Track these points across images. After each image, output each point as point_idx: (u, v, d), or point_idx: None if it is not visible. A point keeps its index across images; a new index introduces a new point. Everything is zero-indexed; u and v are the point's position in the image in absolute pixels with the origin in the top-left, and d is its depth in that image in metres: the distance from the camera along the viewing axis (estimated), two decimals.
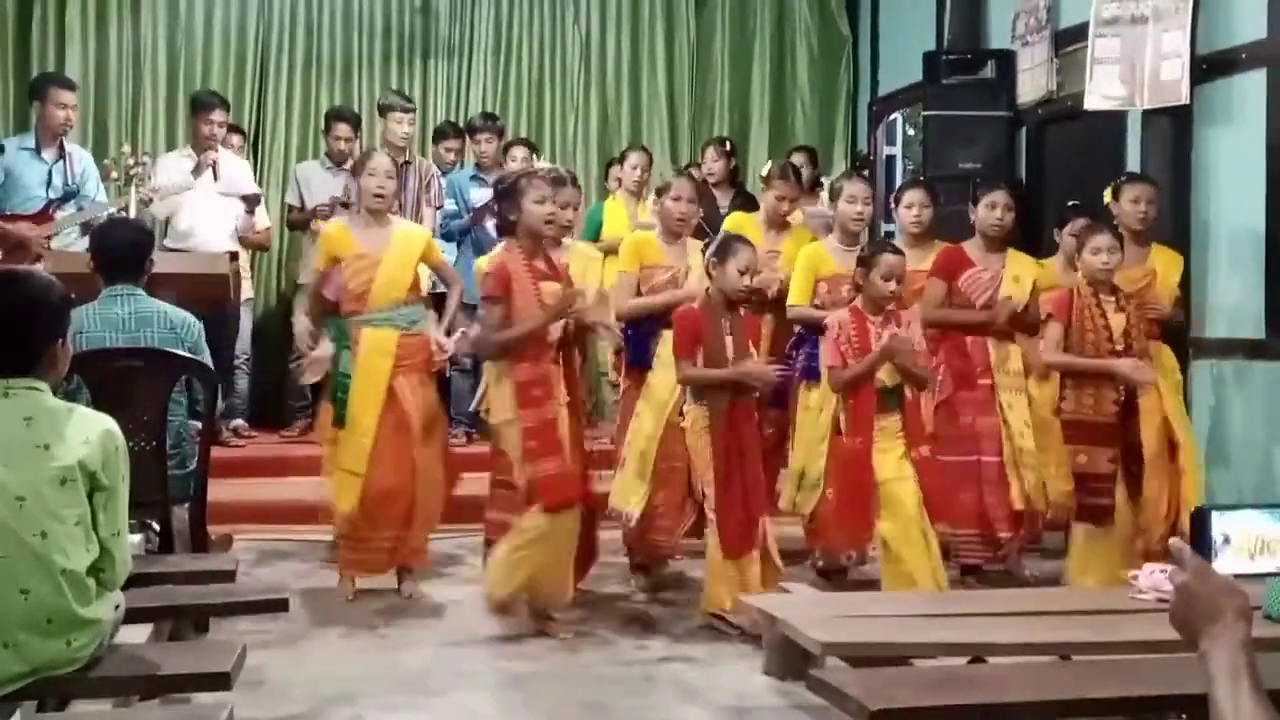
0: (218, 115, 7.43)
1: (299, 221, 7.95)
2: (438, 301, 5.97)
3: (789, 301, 5.79)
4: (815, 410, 5.56)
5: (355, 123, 8.00)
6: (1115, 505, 5.12)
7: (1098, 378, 5.17)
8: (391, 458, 5.22)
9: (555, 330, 4.92)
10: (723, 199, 7.38)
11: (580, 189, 6.31)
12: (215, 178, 7.28)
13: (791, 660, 4.14)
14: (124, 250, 4.67)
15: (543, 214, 4.93)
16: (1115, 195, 5.65)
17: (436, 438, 5.45)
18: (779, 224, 6.13)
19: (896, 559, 4.84)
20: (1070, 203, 6.09)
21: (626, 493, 5.30)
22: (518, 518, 4.87)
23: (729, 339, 4.95)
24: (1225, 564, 2.07)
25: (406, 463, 5.24)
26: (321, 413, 5.91)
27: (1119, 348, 5.14)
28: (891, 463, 4.90)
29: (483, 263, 5.80)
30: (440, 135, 8.26)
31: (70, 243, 6.65)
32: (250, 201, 7.49)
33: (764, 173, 6.31)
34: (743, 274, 4.93)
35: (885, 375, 4.96)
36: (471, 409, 6.16)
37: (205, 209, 7.31)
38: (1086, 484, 5.18)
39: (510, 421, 4.88)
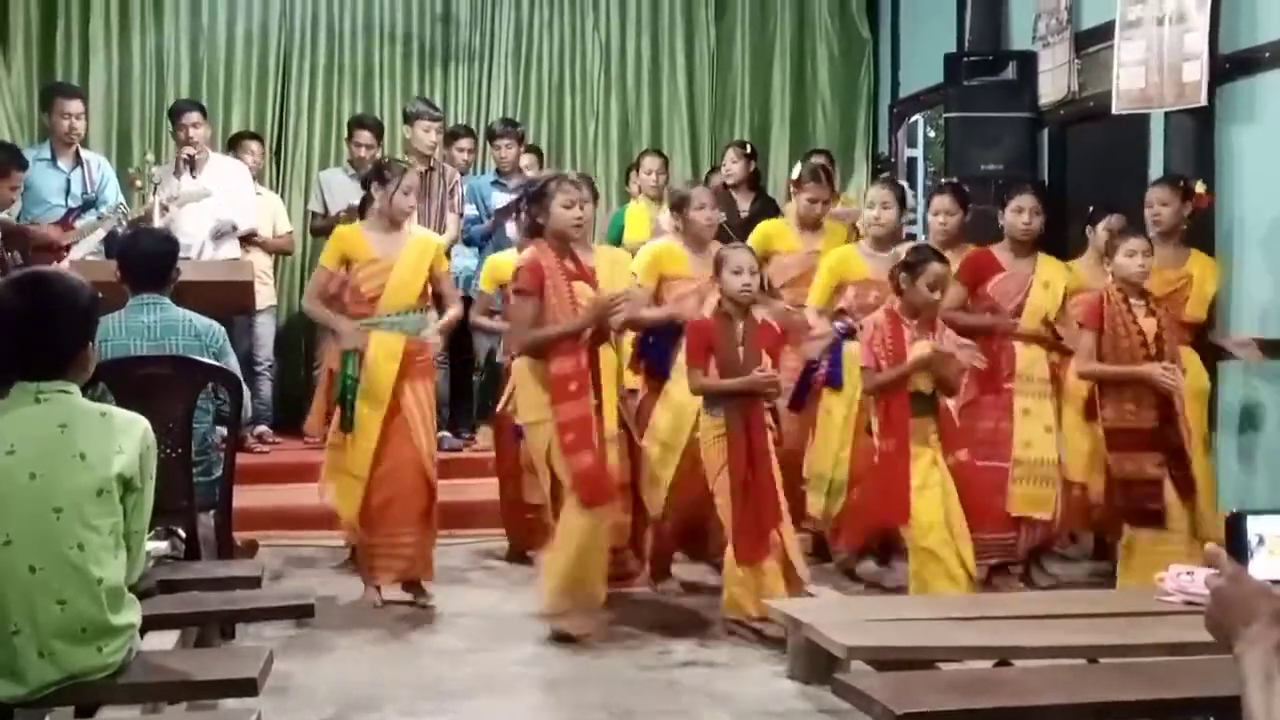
0: (187, 118, 7.34)
1: (321, 228, 7.99)
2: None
3: (807, 303, 5.79)
4: (839, 416, 5.55)
5: (378, 130, 8.02)
6: (1166, 508, 5.04)
7: (1135, 384, 5.11)
8: (396, 462, 5.25)
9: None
10: (743, 202, 7.38)
11: (595, 191, 6.30)
12: (193, 174, 7.24)
13: (816, 664, 4.13)
14: (149, 260, 4.69)
15: (571, 218, 4.94)
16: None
17: (432, 445, 5.48)
18: (812, 225, 6.13)
19: (917, 571, 4.85)
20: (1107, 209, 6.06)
21: (648, 497, 5.30)
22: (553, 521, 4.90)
23: (741, 348, 4.93)
24: (1260, 568, 2.05)
25: (411, 466, 5.27)
26: (315, 412, 5.94)
27: (1152, 352, 5.08)
28: (920, 469, 4.88)
29: (499, 258, 5.84)
30: (453, 136, 8.26)
31: (91, 250, 6.68)
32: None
33: (794, 176, 6.30)
34: (737, 274, 4.93)
35: (920, 381, 4.95)
36: (498, 410, 6.16)
37: (201, 219, 7.26)
38: (1136, 490, 5.09)
39: (540, 422, 4.87)
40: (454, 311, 5.63)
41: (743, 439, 4.87)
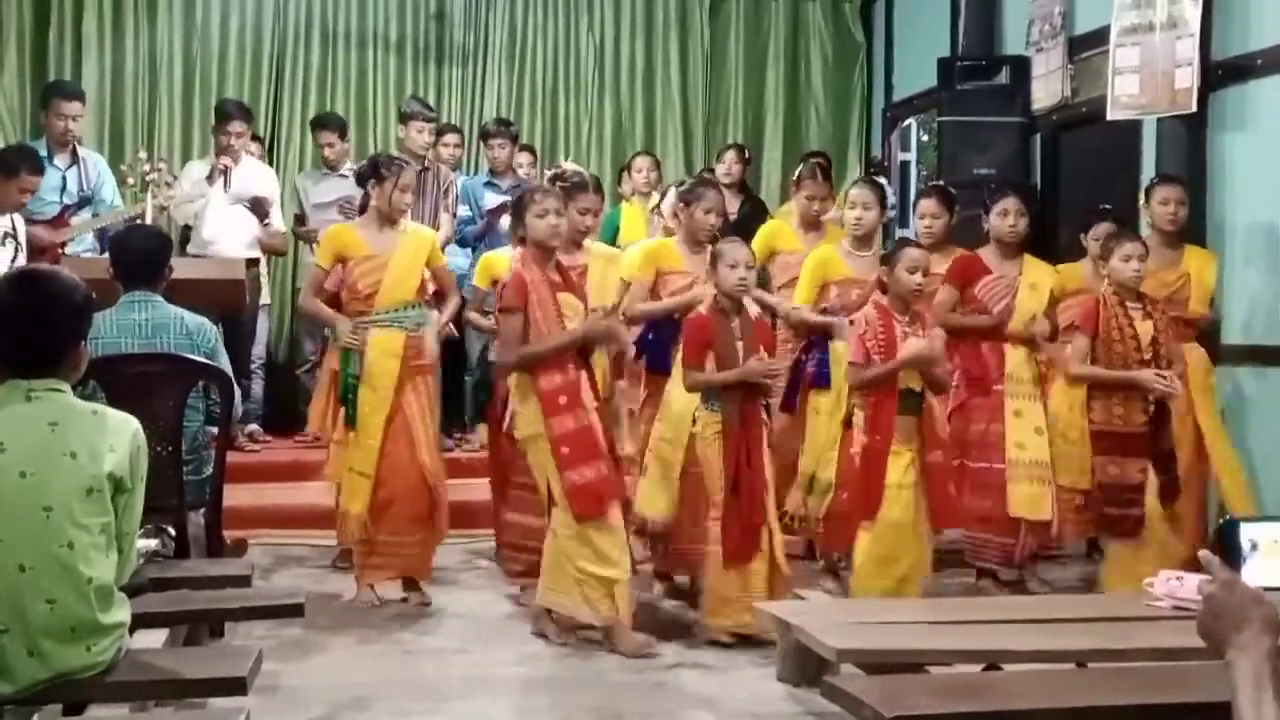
0: (234, 126, 7.41)
1: (300, 233, 8.02)
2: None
3: (792, 303, 5.79)
4: (826, 415, 5.54)
5: (340, 129, 8.02)
6: (1145, 517, 5.05)
7: (1125, 388, 5.11)
8: (398, 459, 5.25)
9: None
10: (732, 203, 7.38)
11: (603, 195, 6.29)
12: (226, 187, 7.29)
13: (806, 667, 4.14)
14: (141, 257, 4.67)
15: (546, 227, 4.92)
16: (1147, 198, 5.68)
17: (435, 443, 5.48)
18: (813, 225, 6.16)
19: (861, 566, 4.89)
20: (1102, 206, 6.05)
21: (651, 499, 5.21)
22: (539, 520, 4.90)
23: (740, 342, 4.94)
24: (1253, 574, 2.05)
25: (414, 464, 5.28)
26: (314, 411, 5.99)
27: (1147, 356, 5.08)
28: (897, 468, 4.90)
29: (494, 255, 5.86)
30: (439, 133, 8.24)
31: (86, 249, 6.68)
32: (256, 209, 7.46)
33: (795, 177, 6.34)
34: (733, 268, 4.92)
35: (909, 379, 4.96)
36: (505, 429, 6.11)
37: (224, 217, 7.33)
38: (1116, 496, 5.09)
39: (537, 436, 4.83)
40: (453, 302, 5.66)
41: (739, 434, 4.87)
